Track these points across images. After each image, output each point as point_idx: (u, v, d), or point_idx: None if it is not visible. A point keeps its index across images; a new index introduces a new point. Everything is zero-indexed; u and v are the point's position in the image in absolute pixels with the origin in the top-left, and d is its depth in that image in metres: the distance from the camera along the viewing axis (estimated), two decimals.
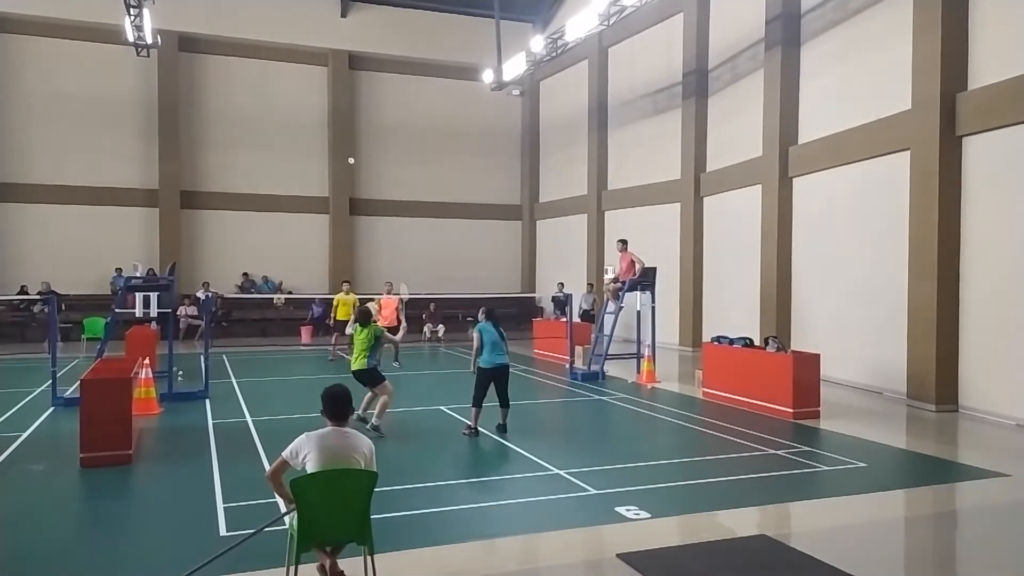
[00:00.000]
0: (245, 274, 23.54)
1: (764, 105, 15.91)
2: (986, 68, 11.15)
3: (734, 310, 17.27)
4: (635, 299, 15.06)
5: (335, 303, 17.51)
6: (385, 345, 10.29)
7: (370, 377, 9.65)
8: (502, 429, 9.56)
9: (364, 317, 9.85)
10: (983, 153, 11.17)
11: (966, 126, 11.27)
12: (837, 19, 14.33)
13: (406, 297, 16.62)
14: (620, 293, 14.95)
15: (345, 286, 18.06)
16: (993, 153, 11.02)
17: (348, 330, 10.79)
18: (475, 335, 9.62)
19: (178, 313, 19.88)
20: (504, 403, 9.66)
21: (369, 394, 9.84)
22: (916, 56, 11.94)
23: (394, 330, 16.70)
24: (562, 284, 21.06)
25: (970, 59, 11.40)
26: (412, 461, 8.40)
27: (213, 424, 10.26)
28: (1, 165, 21.50)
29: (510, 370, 9.77)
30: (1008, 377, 10.69)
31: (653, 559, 5.53)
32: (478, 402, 9.48)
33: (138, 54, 20.02)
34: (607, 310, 15.51)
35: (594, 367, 14.68)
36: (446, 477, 7.68)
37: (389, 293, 16.94)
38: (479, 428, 9.52)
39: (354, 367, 9.70)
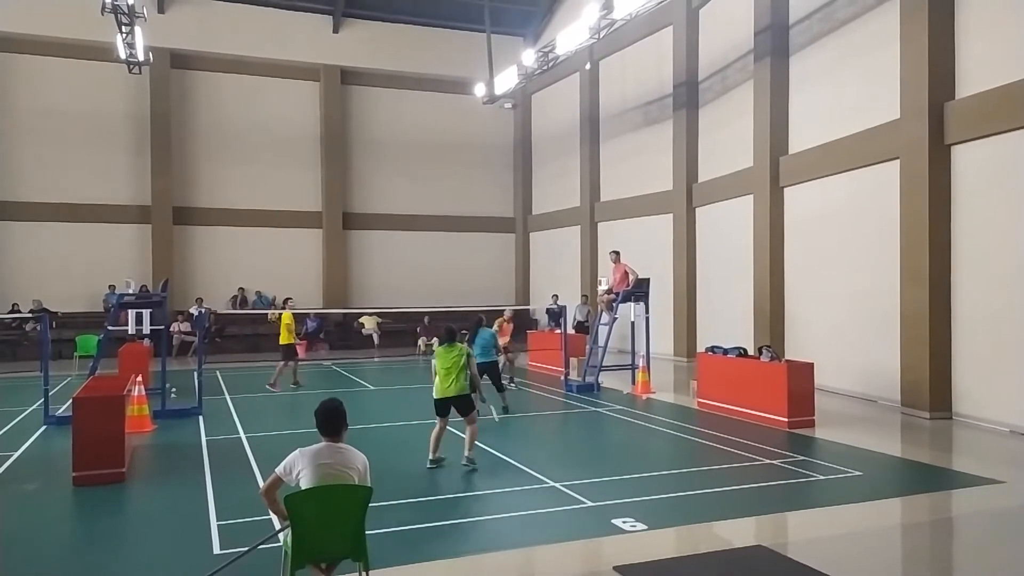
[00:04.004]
0: (241, 288, 23.46)
1: (754, 116, 16.00)
2: (973, 77, 11.26)
3: (728, 320, 17.30)
4: (629, 310, 15.07)
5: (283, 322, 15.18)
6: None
7: (467, 404, 8.64)
8: (505, 410, 11.87)
9: (451, 334, 8.83)
10: (971, 161, 11.25)
11: (954, 135, 11.36)
12: (825, 30, 14.46)
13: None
14: (614, 304, 14.97)
15: (289, 303, 17.21)
16: (981, 161, 11.10)
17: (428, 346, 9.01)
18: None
19: (171, 330, 19.80)
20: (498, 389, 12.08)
21: (436, 430, 8.66)
22: (904, 66, 12.05)
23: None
24: (556, 296, 21.07)
25: (957, 68, 11.51)
26: (407, 475, 8.35)
27: (207, 441, 10.21)
28: None
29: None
30: (1001, 384, 10.73)
31: (650, 571, 5.51)
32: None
33: (130, 71, 20.06)
34: (601, 321, 15.52)
35: (589, 379, 14.67)
36: (441, 491, 7.65)
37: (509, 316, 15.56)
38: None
39: (447, 393, 8.56)
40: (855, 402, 12.98)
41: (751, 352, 12.79)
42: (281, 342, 15.19)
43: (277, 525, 4.92)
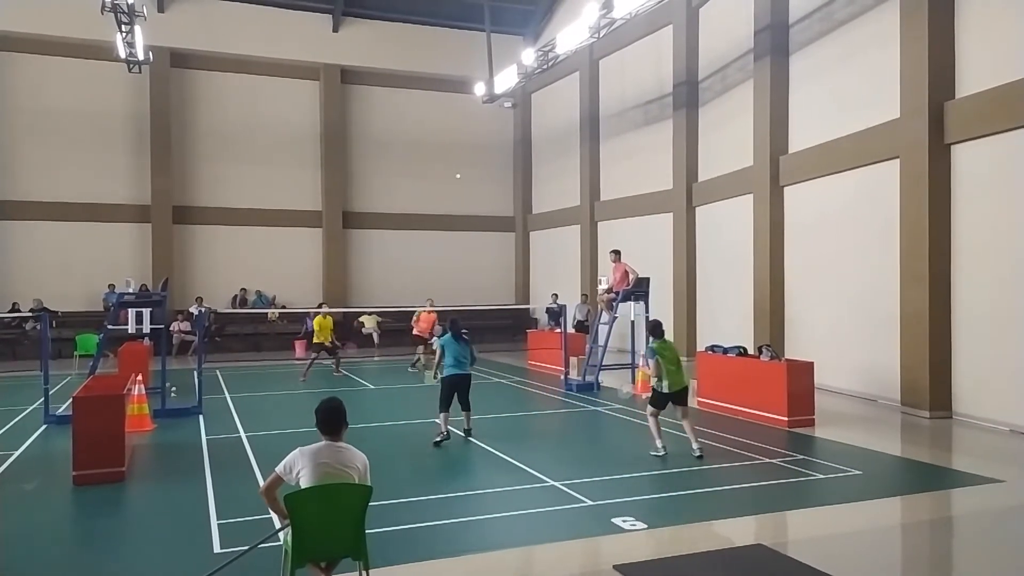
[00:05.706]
0: (243, 289, 23.44)
1: (754, 115, 16.00)
2: (973, 76, 11.26)
3: (727, 319, 17.30)
4: (629, 309, 15.07)
5: (315, 326, 16.98)
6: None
7: (685, 395, 9.22)
8: (467, 433, 10.25)
9: (658, 329, 9.45)
10: (971, 160, 11.25)
11: (954, 134, 11.36)
12: (825, 29, 14.45)
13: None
14: (613, 303, 14.97)
15: (323, 307, 18.18)
16: (981, 160, 11.11)
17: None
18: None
19: (171, 329, 19.80)
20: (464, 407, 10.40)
21: (655, 421, 9.18)
22: (904, 65, 12.05)
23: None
24: (556, 295, 21.08)
25: (957, 67, 11.51)
26: (407, 475, 8.37)
27: (207, 440, 10.21)
28: None
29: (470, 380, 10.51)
30: (1001, 383, 10.73)
31: (650, 570, 5.52)
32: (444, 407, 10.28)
33: (130, 70, 20.04)
34: (601, 320, 15.53)
35: (588, 378, 14.68)
36: (441, 490, 7.65)
37: (431, 306, 18.05)
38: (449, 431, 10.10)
39: (678, 387, 9.10)
40: (855, 401, 12.99)
41: (751, 351, 12.79)
42: (315, 340, 16.82)
43: (277, 524, 4.92)
